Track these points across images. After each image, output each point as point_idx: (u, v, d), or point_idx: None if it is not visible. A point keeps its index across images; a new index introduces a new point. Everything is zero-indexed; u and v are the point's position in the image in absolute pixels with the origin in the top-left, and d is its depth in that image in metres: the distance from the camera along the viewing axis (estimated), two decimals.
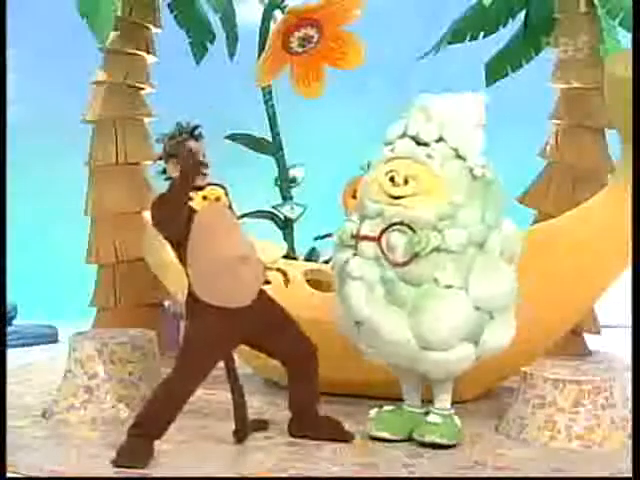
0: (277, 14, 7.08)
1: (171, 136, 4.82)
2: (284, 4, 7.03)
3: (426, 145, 4.80)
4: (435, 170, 4.74)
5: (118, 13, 7.06)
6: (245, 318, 4.80)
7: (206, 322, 4.76)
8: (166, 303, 7.57)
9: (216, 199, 4.85)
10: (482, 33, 7.76)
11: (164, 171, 4.86)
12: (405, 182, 4.74)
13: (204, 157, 4.82)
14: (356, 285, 4.80)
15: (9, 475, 4.46)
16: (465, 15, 7.77)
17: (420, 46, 7.97)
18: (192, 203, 4.74)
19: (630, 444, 4.68)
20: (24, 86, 9.92)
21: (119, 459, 4.62)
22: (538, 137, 7.54)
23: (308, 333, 5.02)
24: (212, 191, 4.85)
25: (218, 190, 4.89)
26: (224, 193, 4.92)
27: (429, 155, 4.76)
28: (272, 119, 7.39)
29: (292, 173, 7.50)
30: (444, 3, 8.70)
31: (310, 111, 8.02)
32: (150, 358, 5.69)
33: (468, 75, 7.94)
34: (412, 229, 4.67)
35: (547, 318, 5.42)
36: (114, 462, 4.62)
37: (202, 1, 7.60)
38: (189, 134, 4.80)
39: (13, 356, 6.68)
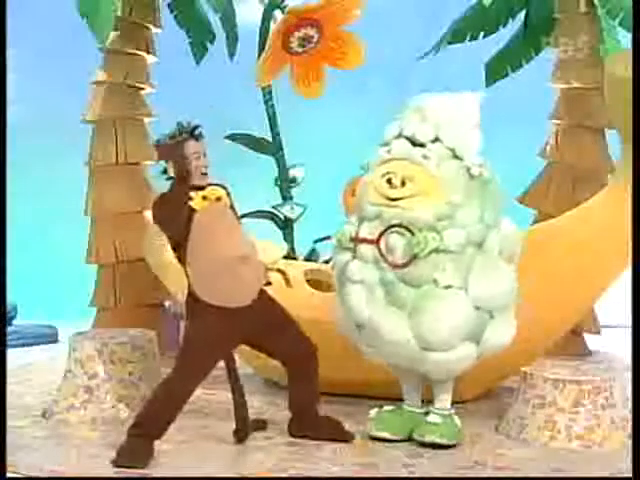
0: (277, 14, 7.08)
1: (171, 136, 4.82)
2: (284, 4, 7.03)
3: (422, 146, 4.79)
4: (432, 171, 4.74)
5: (118, 13, 7.06)
6: (245, 318, 4.79)
7: (206, 322, 4.76)
8: (166, 303, 7.57)
9: (217, 199, 4.85)
10: (482, 33, 7.75)
11: (165, 171, 4.87)
12: (402, 184, 4.73)
13: (204, 157, 4.83)
14: (356, 288, 4.80)
15: (9, 475, 4.46)
16: (465, 15, 7.77)
17: (420, 46, 7.97)
18: (192, 203, 4.75)
19: (630, 444, 4.68)
20: (24, 86, 9.92)
21: (119, 459, 4.63)
22: (538, 137, 7.53)
23: (308, 333, 5.02)
24: (213, 191, 4.85)
25: (219, 190, 4.88)
26: (225, 193, 4.92)
27: (425, 156, 4.75)
28: (272, 119, 7.40)
29: (292, 173, 7.50)
30: (444, 3, 8.70)
31: (310, 111, 8.02)
32: (150, 358, 5.69)
33: (468, 75, 7.93)
34: (410, 231, 4.67)
35: (547, 318, 5.42)
36: (114, 462, 4.62)
37: (202, 1, 7.59)
38: (189, 134, 4.81)
39: (13, 356, 6.68)
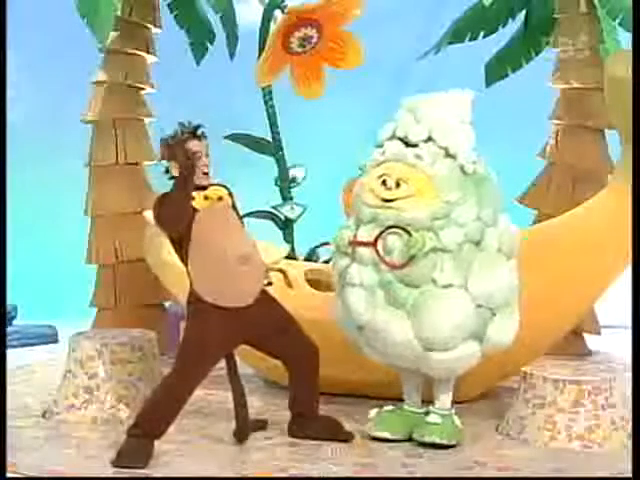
0: (277, 14, 7.07)
1: (173, 136, 4.82)
2: (284, 4, 7.02)
3: (415, 146, 4.79)
4: (426, 170, 4.73)
5: (118, 13, 7.05)
6: (246, 318, 4.79)
7: (207, 322, 4.76)
8: (166, 303, 7.57)
9: (218, 199, 4.85)
10: (482, 33, 7.74)
11: (167, 170, 4.86)
12: (397, 185, 4.72)
13: (207, 157, 4.83)
14: (356, 292, 4.80)
15: (9, 475, 4.46)
16: (465, 15, 7.76)
17: (420, 46, 7.97)
18: (194, 203, 4.75)
19: (630, 444, 4.68)
20: (24, 86, 9.91)
21: (119, 459, 4.62)
22: (538, 137, 7.52)
23: (308, 333, 5.02)
24: (215, 191, 4.86)
25: (221, 190, 4.89)
26: (227, 193, 4.92)
27: (418, 156, 4.74)
28: (272, 119, 7.38)
29: (292, 173, 7.49)
30: (444, 3, 8.70)
31: (310, 111, 8.01)
32: (150, 358, 5.69)
33: (468, 75, 7.91)
34: (407, 231, 4.67)
35: (547, 318, 5.41)
36: (114, 462, 4.62)
37: (202, 1, 7.58)
38: (192, 134, 4.81)
39: (13, 356, 6.68)
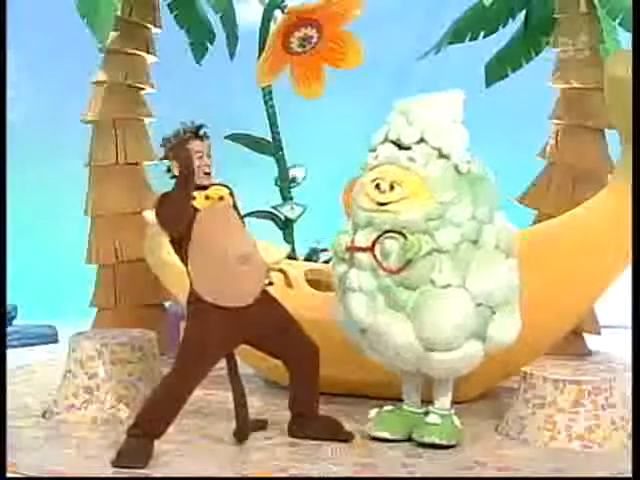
0: (277, 14, 7.07)
1: (176, 135, 4.82)
2: (284, 4, 7.02)
3: (409, 149, 4.78)
4: (419, 172, 4.72)
5: (118, 13, 7.05)
6: (247, 318, 4.79)
7: (207, 322, 4.76)
8: (166, 303, 7.57)
9: (219, 199, 4.85)
10: (482, 33, 7.74)
11: (169, 169, 4.87)
12: (391, 188, 4.72)
13: (209, 157, 4.83)
14: (357, 297, 4.80)
15: (9, 475, 4.46)
16: (465, 15, 7.76)
17: (420, 46, 7.97)
18: (195, 202, 4.75)
19: (630, 444, 4.68)
20: (24, 86, 9.91)
21: (119, 459, 4.62)
22: (538, 137, 7.52)
23: (308, 333, 5.02)
24: (216, 190, 4.86)
25: (222, 190, 4.89)
26: (228, 193, 4.92)
27: (411, 158, 4.74)
28: (272, 119, 7.39)
29: (292, 173, 7.49)
30: (444, 3, 8.70)
31: (310, 111, 8.01)
32: (150, 359, 5.69)
33: (468, 75, 7.92)
34: (403, 235, 4.66)
35: (547, 318, 5.41)
36: (114, 462, 4.62)
37: (202, 1, 7.59)
38: (194, 134, 4.81)
39: (13, 356, 6.69)
